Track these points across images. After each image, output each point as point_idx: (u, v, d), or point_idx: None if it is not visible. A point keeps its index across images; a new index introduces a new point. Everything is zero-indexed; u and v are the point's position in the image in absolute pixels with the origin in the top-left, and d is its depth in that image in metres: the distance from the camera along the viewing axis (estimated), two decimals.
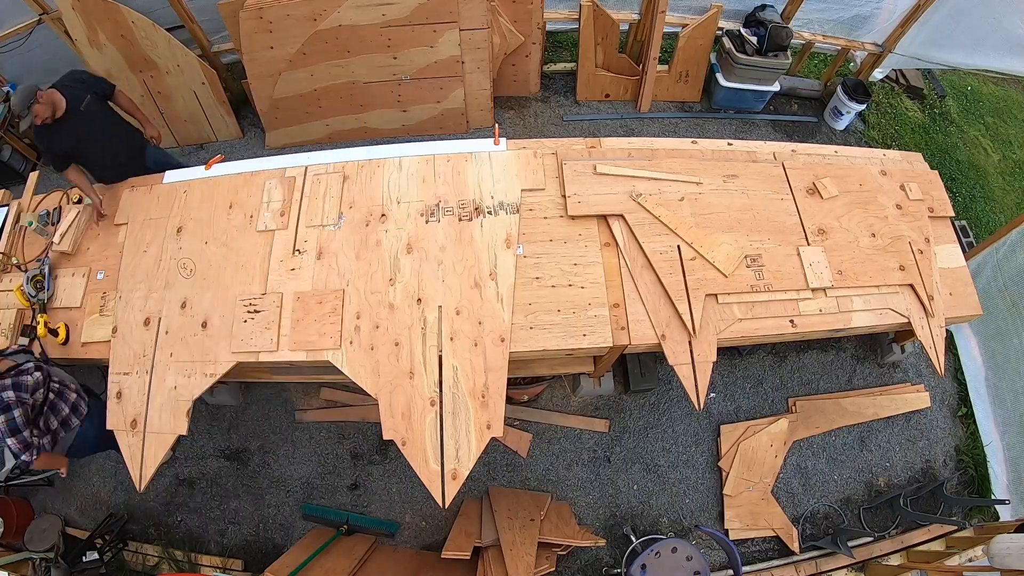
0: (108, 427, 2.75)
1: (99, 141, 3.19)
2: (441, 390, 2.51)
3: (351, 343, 2.65)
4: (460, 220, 2.87)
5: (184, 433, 2.67)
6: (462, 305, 2.67)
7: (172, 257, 2.97)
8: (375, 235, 2.89)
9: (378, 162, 3.13)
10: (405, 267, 2.78)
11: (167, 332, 2.83)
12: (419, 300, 2.69)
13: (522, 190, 2.96)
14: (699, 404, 2.66)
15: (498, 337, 2.60)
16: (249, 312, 2.77)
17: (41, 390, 2.63)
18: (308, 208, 2.99)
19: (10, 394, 2.46)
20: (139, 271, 2.99)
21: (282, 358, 2.68)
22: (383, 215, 2.94)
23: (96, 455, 3.46)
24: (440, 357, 2.57)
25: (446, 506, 2.36)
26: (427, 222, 2.89)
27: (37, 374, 2.62)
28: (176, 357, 2.77)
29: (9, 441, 2.51)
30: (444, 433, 2.44)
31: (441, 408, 2.47)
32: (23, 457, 2.57)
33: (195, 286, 2.89)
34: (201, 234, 3.01)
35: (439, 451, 2.42)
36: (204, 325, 2.80)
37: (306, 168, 3.10)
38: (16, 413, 2.48)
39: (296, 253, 2.86)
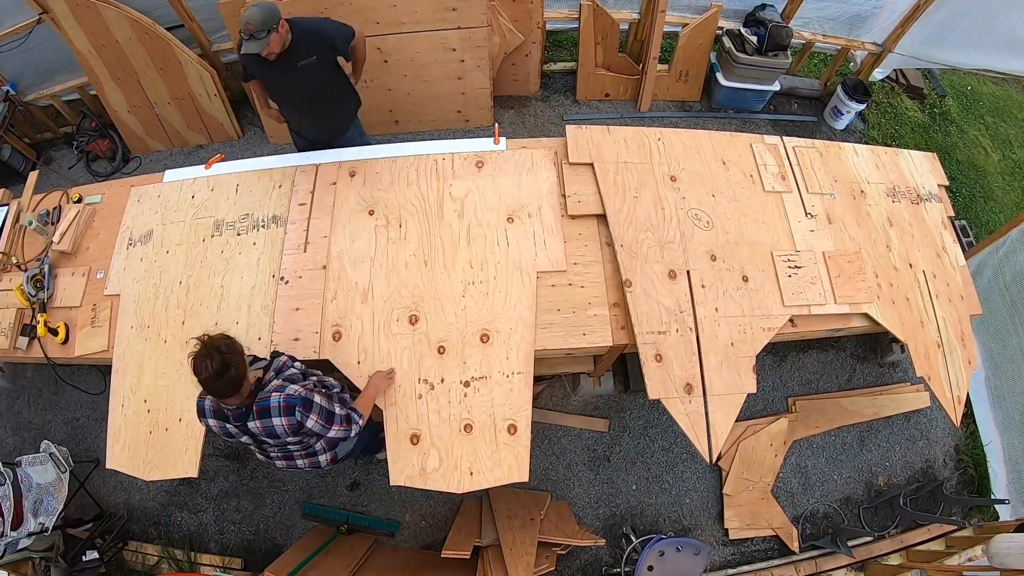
0: (652, 397, 2.57)
1: (298, 103, 3.15)
2: (940, 336, 3.03)
3: (878, 298, 2.95)
4: (912, 204, 3.32)
5: (753, 391, 2.65)
6: (935, 270, 3.16)
7: (677, 207, 2.95)
8: (863, 208, 3.20)
9: (839, 145, 3.40)
10: (893, 237, 3.16)
11: (703, 286, 2.78)
12: (910, 265, 3.13)
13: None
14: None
15: (958, 296, 3.15)
16: (791, 267, 2.89)
17: (312, 378, 2.37)
18: (802, 176, 3.20)
19: (295, 388, 2.12)
20: (638, 219, 2.88)
21: (830, 311, 2.87)
22: (862, 191, 3.24)
23: None
24: (935, 309, 3.07)
25: (958, 422, 3.01)
26: (893, 202, 3.27)
27: (298, 363, 2.40)
28: (723, 312, 2.75)
29: (332, 432, 2.20)
30: (950, 367, 3.00)
31: (943, 349, 3.02)
32: (354, 430, 2.27)
33: (716, 239, 2.90)
34: (703, 186, 3.04)
35: (949, 383, 2.97)
36: (744, 279, 2.82)
37: (782, 138, 3.33)
38: (316, 399, 2.15)
39: (808, 216, 3.05)
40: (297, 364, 2.39)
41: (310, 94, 3.09)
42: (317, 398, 2.17)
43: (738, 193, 3.08)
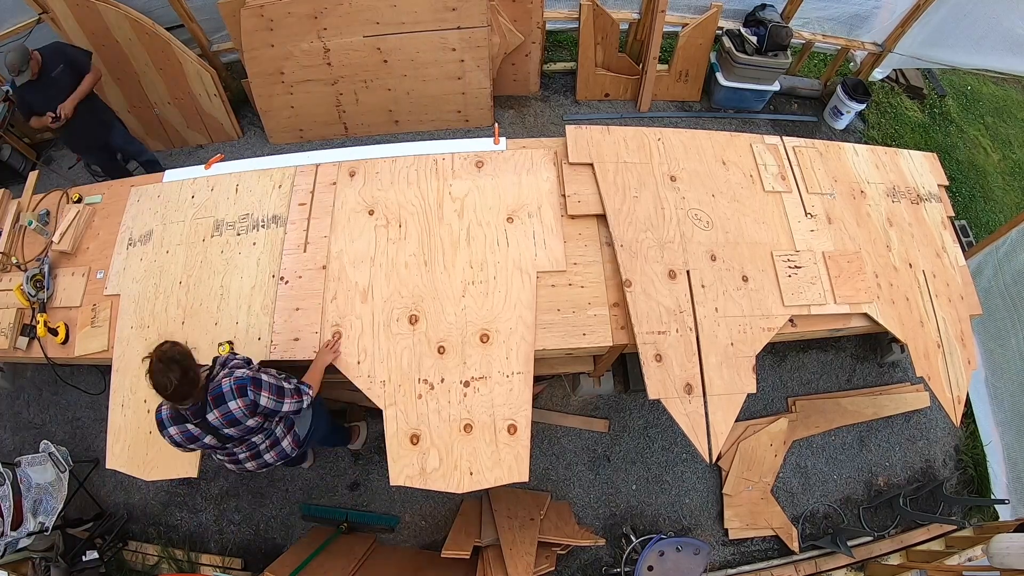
0: (652, 397, 2.55)
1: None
2: (940, 335, 3.03)
3: (878, 298, 2.95)
4: (912, 204, 3.33)
5: (753, 391, 2.63)
6: (935, 270, 3.17)
7: (677, 207, 2.95)
8: (863, 208, 3.19)
9: (838, 145, 3.42)
10: (892, 237, 3.16)
11: (703, 286, 2.78)
12: (910, 265, 3.14)
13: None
14: None
15: (958, 296, 3.15)
16: (791, 267, 2.89)
17: (256, 364, 2.43)
18: (802, 176, 3.20)
19: (243, 371, 2.20)
20: (638, 219, 2.88)
21: (829, 311, 2.87)
22: (862, 191, 3.24)
23: None
24: (935, 309, 3.06)
25: (958, 422, 2.99)
26: (892, 202, 3.28)
27: (240, 357, 2.43)
28: (723, 312, 2.74)
29: (286, 406, 2.25)
30: (950, 367, 3.00)
31: (943, 350, 3.02)
32: (305, 401, 2.33)
33: (716, 239, 2.90)
34: (703, 186, 3.04)
35: (948, 383, 2.97)
36: (744, 279, 2.82)
37: (782, 138, 3.34)
38: (264, 378, 2.22)
39: (808, 216, 3.05)
40: (240, 356, 2.43)
41: (68, 94, 3.58)
42: (264, 376, 2.24)
43: (738, 193, 3.07)
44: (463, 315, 2.68)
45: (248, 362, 2.38)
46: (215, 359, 2.37)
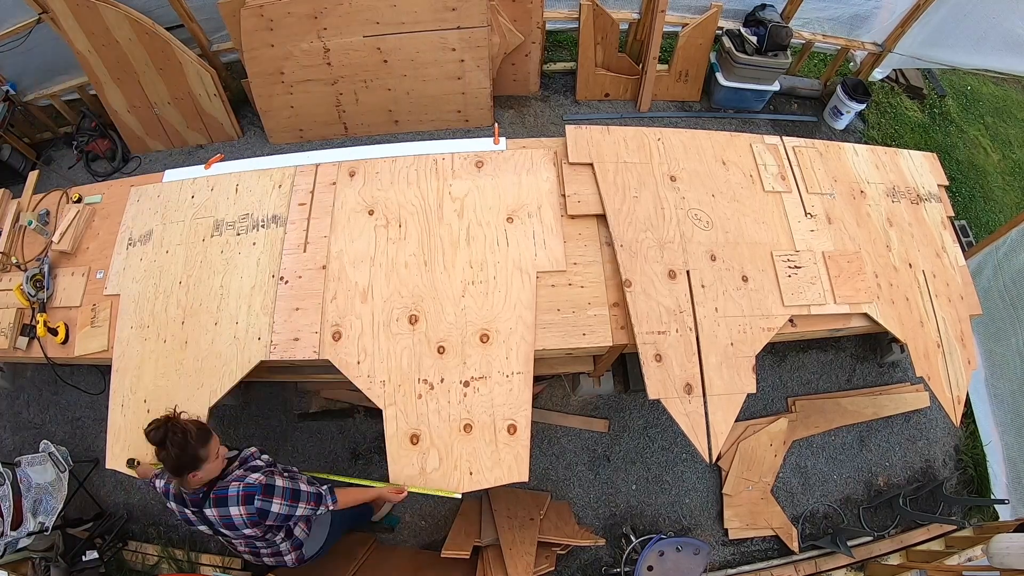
0: (652, 397, 2.55)
1: None
2: (940, 336, 3.03)
3: (878, 298, 2.94)
4: (912, 204, 3.31)
5: (753, 391, 2.64)
6: (935, 270, 3.17)
7: (677, 207, 2.95)
8: (863, 208, 3.18)
9: (838, 145, 3.41)
10: (893, 237, 3.15)
11: (703, 286, 2.78)
12: (910, 265, 3.13)
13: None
14: None
15: (958, 296, 3.14)
16: (791, 267, 2.89)
17: (279, 466, 2.40)
18: (802, 176, 3.19)
19: (256, 476, 2.13)
20: (638, 219, 2.88)
21: (829, 311, 2.87)
22: (861, 191, 3.23)
23: None
24: (935, 309, 3.06)
25: (958, 422, 2.99)
26: (892, 202, 3.27)
27: (266, 455, 2.41)
28: (723, 312, 2.75)
29: (300, 510, 2.19)
30: (949, 367, 3.00)
31: (943, 349, 3.02)
32: (321, 510, 2.28)
33: (716, 239, 2.90)
34: (703, 186, 3.04)
35: (948, 383, 2.96)
36: (744, 279, 2.83)
37: (782, 138, 3.32)
38: (279, 483, 2.15)
39: (808, 216, 3.05)
40: (264, 457, 2.41)
41: None
42: (279, 481, 2.17)
43: (738, 193, 3.07)
44: (463, 315, 2.68)
45: (271, 464, 2.37)
46: (240, 451, 2.36)
